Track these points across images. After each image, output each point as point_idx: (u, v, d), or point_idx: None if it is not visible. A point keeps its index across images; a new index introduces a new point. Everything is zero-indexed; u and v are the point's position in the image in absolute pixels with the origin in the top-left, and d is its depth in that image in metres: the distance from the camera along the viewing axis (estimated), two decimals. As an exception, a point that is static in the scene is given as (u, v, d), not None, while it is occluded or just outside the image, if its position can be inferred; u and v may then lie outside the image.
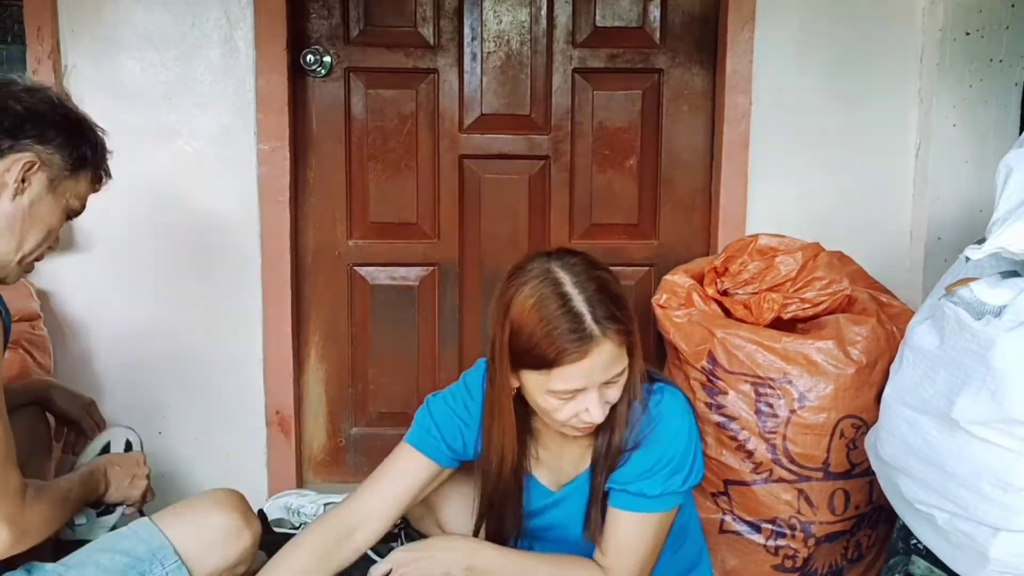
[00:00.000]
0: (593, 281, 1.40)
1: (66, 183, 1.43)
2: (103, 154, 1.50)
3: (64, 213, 1.46)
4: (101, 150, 1.49)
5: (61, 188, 1.43)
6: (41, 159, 1.38)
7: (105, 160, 1.51)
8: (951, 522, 1.31)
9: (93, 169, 1.48)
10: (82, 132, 1.45)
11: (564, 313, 1.35)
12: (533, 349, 1.36)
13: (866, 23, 2.34)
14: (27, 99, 1.39)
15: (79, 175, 1.45)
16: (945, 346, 1.30)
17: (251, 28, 2.26)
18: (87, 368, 2.32)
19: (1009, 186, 1.31)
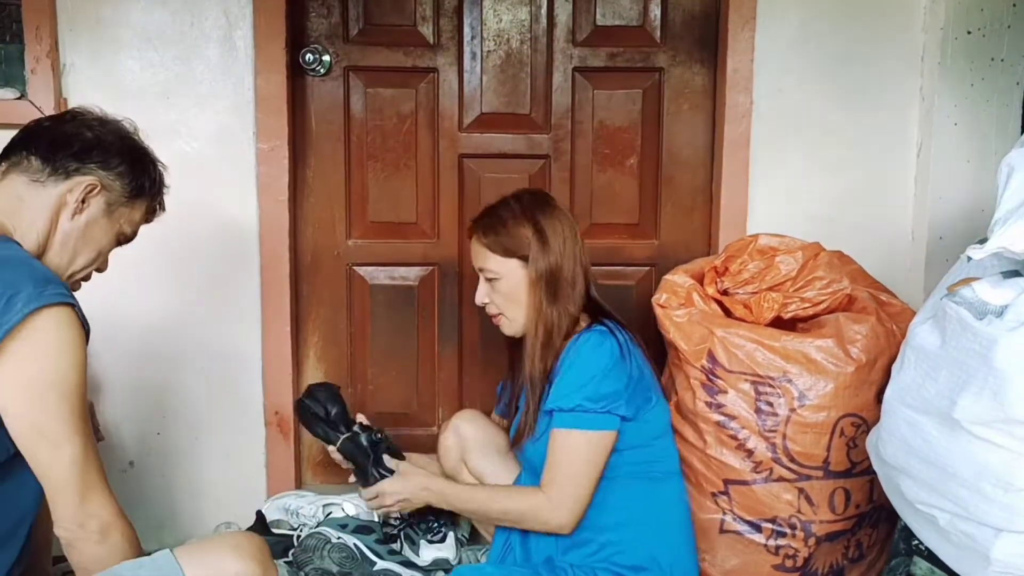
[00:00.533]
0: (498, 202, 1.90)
1: (122, 209, 1.51)
2: (160, 187, 1.59)
3: (116, 238, 1.54)
4: (159, 183, 1.59)
5: (117, 213, 1.51)
6: (102, 183, 1.47)
7: (161, 193, 1.60)
8: (952, 523, 1.31)
9: (149, 200, 1.57)
10: (144, 164, 1.54)
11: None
12: None
13: (867, 22, 2.33)
14: (98, 128, 1.49)
15: (135, 203, 1.53)
16: (947, 346, 1.29)
17: (250, 27, 2.25)
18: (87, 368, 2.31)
19: (1011, 185, 1.30)
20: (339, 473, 2.52)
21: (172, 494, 2.39)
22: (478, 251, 1.87)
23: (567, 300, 1.82)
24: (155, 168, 1.58)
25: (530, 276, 1.81)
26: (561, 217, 1.87)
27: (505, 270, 1.83)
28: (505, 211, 1.86)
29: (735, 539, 1.85)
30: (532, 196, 1.91)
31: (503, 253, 1.83)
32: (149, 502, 2.38)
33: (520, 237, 1.82)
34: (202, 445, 2.39)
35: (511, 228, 1.83)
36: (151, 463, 2.38)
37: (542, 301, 1.81)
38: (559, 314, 1.81)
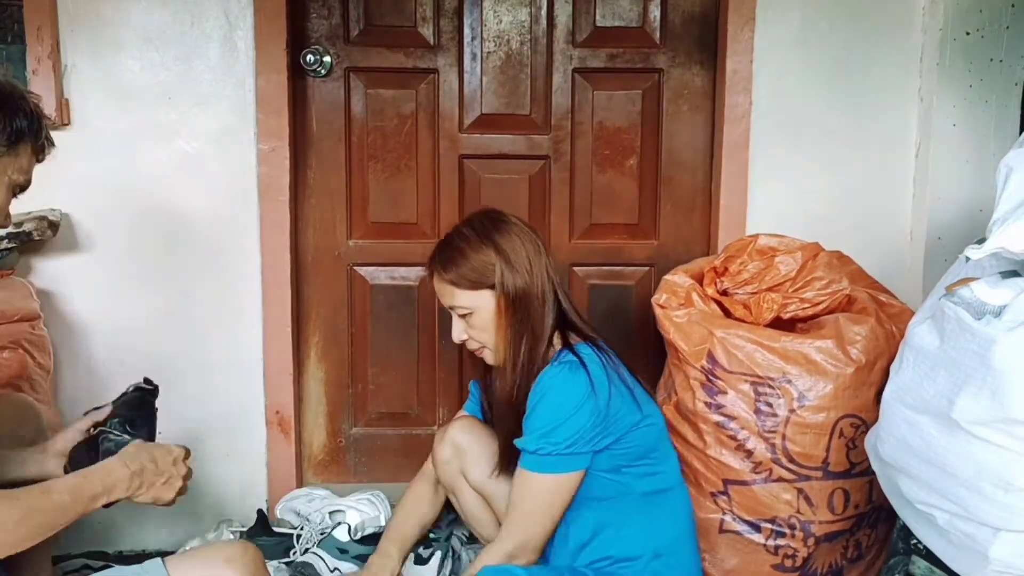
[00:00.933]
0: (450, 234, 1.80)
1: (5, 160, 1.37)
2: (41, 122, 1.41)
3: (8, 190, 1.40)
4: (38, 119, 1.41)
5: (0, 166, 1.37)
6: None
7: (44, 128, 1.42)
8: (951, 522, 1.31)
9: (33, 140, 1.40)
10: (14, 104, 1.37)
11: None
12: None
13: (866, 23, 2.34)
14: None
15: (17, 149, 1.38)
16: (945, 346, 1.30)
17: (251, 28, 2.26)
18: (87, 368, 2.32)
19: (1009, 186, 1.31)
20: (340, 473, 2.54)
21: (173, 494, 2.40)
22: (443, 289, 1.78)
23: (540, 320, 1.75)
24: (27, 103, 1.40)
25: (500, 304, 1.73)
26: (519, 233, 1.77)
27: (477, 303, 1.75)
28: (461, 241, 1.76)
29: (735, 539, 1.85)
30: (485, 217, 1.81)
31: (470, 286, 1.74)
32: (150, 502, 2.39)
33: (484, 265, 1.73)
34: (203, 445, 2.38)
35: (472, 257, 1.73)
36: (152, 463, 2.38)
37: (518, 327, 1.73)
38: (535, 338, 1.74)
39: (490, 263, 1.72)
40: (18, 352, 2.03)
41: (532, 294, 1.73)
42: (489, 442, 1.93)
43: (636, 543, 1.75)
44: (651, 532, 1.77)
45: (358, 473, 2.53)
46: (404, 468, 2.47)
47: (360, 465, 2.54)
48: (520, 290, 1.72)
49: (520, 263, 1.73)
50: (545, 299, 1.75)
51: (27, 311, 2.10)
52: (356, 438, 2.54)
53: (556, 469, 1.68)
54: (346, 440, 2.55)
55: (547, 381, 1.68)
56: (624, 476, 1.75)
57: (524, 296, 1.73)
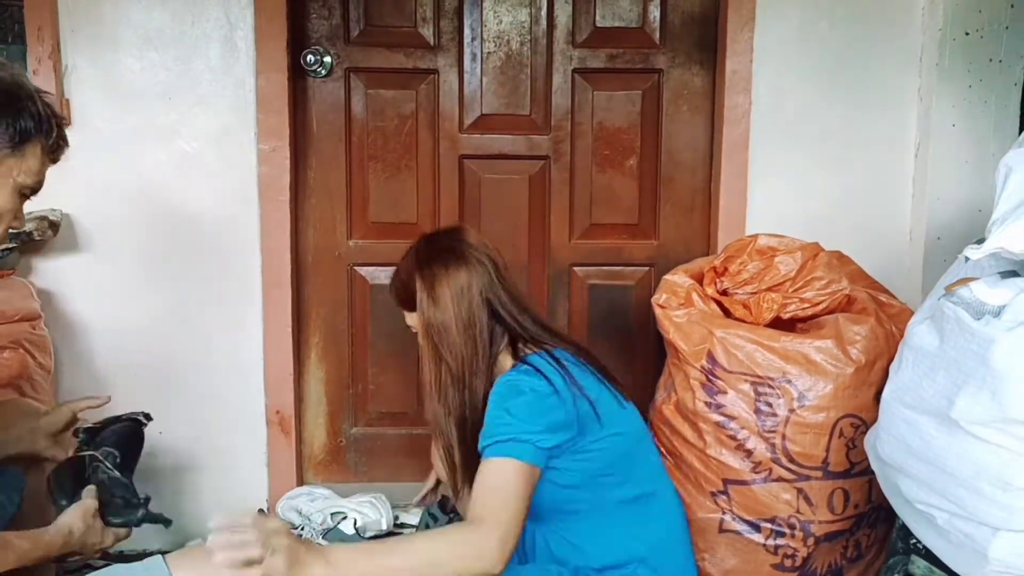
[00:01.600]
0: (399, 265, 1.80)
1: (9, 162, 1.32)
2: (51, 122, 1.37)
3: (15, 193, 1.36)
4: (48, 119, 1.37)
5: (4, 168, 1.32)
6: None
7: (55, 128, 1.38)
8: (951, 522, 1.31)
9: (42, 141, 1.36)
10: (19, 103, 1.33)
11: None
12: None
13: (866, 23, 2.34)
14: None
15: (24, 150, 1.34)
16: (944, 346, 1.30)
17: (251, 28, 2.26)
18: (88, 368, 2.32)
19: (1008, 186, 1.31)
20: (341, 472, 2.54)
21: (173, 493, 2.40)
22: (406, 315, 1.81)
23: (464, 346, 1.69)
24: (36, 103, 1.35)
25: (421, 327, 1.73)
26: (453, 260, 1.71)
27: (414, 323, 1.77)
28: (403, 263, 1.79)
29: (734, 539, 1.86)
30: (429, 243, 1.78)
31: (408, 308, 1.77)
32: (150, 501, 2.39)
33: (411, 290, 1.74)
34: (203, 444, 2.39)
35: (404, 281, 1.76)
36: (152, 462, 2.38)
37: (439, 351, 1.71)
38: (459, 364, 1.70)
39: (414, 288, 1.73)
40: (19, 352, 2.03)
41: (450, 324, 1.69)
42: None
43: (618, 551, 1.70)
44: (632, 538, 1.71)
45: (358, 473, 2.54)
46: (404, 468, 2.48)
47: (360, 465, 2.55)
48: (437, 320, 1.70)
49: (439, 294, 1.70)
50: (471, 327, 1.70)
51: (28, 311, 2.11)
52: (356, 438, 2.55)
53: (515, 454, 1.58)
54: (346, 440, 2.55)
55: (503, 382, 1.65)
56: (595, 489, 1.69)
57: (441, 326, 1.70)
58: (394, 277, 1.81)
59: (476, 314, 1.71)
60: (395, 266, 1.82)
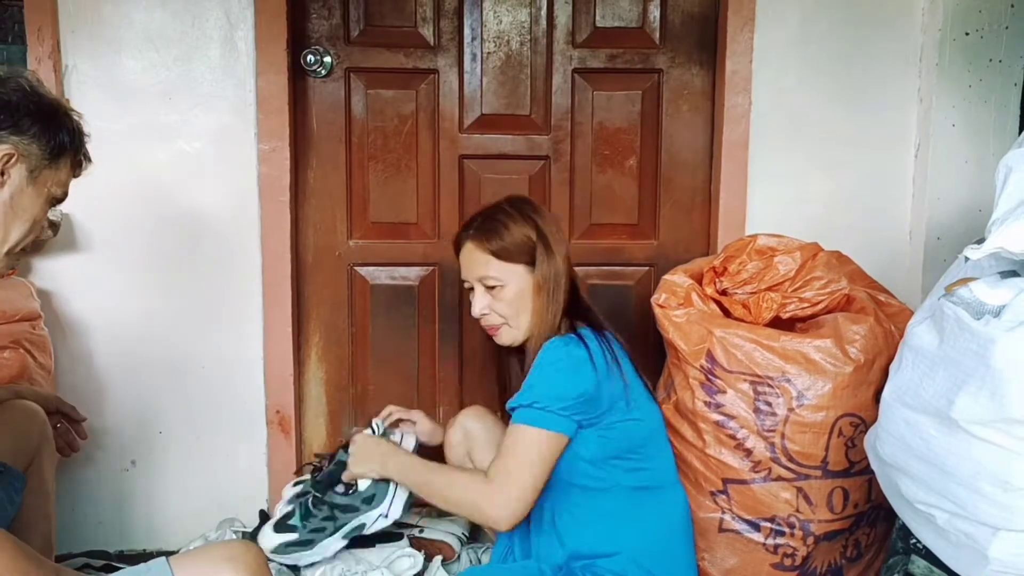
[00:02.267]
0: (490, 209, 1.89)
1: (46, 172, 1.40)
2: (81, 139, 1.46)
3: (47, 203, 1.43)
4: (79, 135, 1.46)
5: (42, 178, 1.40)
6: (19, 150, 1.36)
7: (84, 145, 1.47)
8: (951, 522, 1.31)
9: (73, 155, 1.45)
10: (58, 119, 1.41)
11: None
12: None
13: (866, 23, 2.34)
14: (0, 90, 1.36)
15: (59, 163, 1.42)
16: (944, 346, 1.30)
17: (251, 28, 2.26)
18: (88, 368, 2.32)
19: (1008, 186, 1.31)
20: (340, 472, 2.53)
21: (173, 493, 2.40)
22: (477, 259, 1.85)
23: (563, 303, 1.82)
24: (71, 119, 1.45)
25: (536, 281, 1.82)
26: (554, 220, 1.89)
27: (508, 277, 1.83)
28: (503, 215, 1.85)
29: (734, 538, 1.86)
30: (523, 201, 1.92)
31: (508, 258, 1.82)
32: (150, 501, 2.39)
33: (524, 241, 1.82)
34: (203, 444, 2.39)
35: (514, 232, 1.82)
36: (152, 462, 2.39)
37: (547, 305, 1.81)
38: (559, 317, 1.81)
39: (531, 240, 1.82)
40: (19, 352, 2.03)
41: (563, 279, 1.82)
42: (497, 429, 2.01)
43: (623, 536, 1.76)
44: (639, 527, 1.78)
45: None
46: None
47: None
48: (555, 272, 1.81)
49: (556, 247, 1.83)
50: (571, 284, 1.85)
51: (28, 311, 2.11)
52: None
53: (545, 424, 1.70)
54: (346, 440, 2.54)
55: (546, 350, 1.75)
56: (610, 470, 1.77)
57: (557, 278, 1.82)
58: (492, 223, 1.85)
59: (570, 273, 1.86)
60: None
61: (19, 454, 1.70)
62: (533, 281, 1.82)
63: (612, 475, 1.78)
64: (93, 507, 2.36)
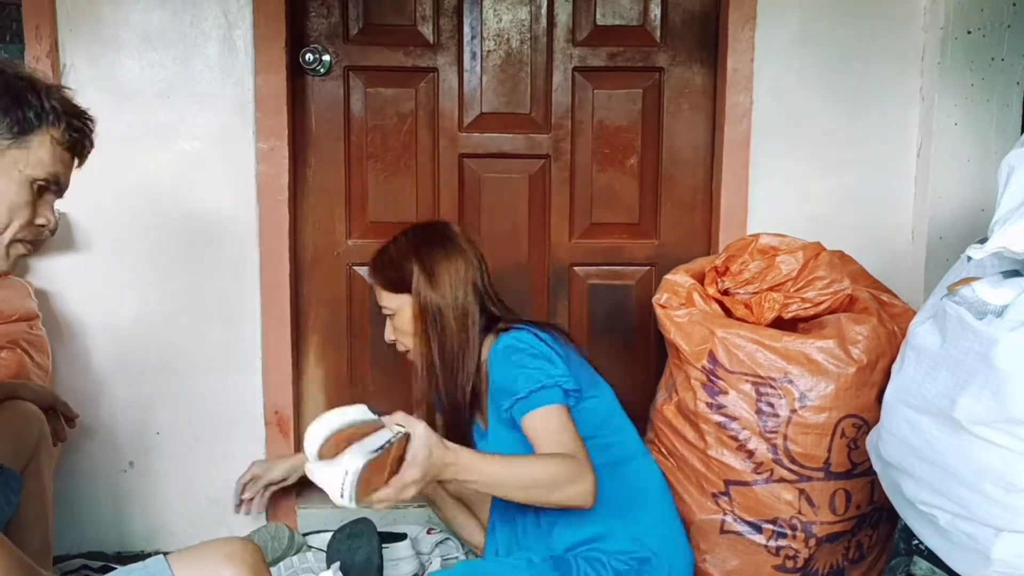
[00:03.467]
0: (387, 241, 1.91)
1: (12, 152, 1.31)
2: (58, 114, 1.35)
3: (26, 186, 1.34)
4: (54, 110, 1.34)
5: (8, 159, 1.31)
6: None
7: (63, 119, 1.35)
8: (953, 523, 1.31)
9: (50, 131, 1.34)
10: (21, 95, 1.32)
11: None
12: None
13: (867, 22, 2.34)
14: None
15: (28, 142, 1.32)
16: (947, 346, 1.29)
17: (250, 27, 2.25)
18: (86, 368, 2.31)
19: (1011, 185, 1.30)
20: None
21: (172, 494, 2.39)
22: (376, 291, 1.91)
23: (458, 332, 1.82)
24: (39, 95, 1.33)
25: (415, 310, 1.84)
26: (447, 244, 1.86)
27: (397, 305, 1.87)
28: (392, 246, 1.89)
29: (736, 540, 1.85)
30: (420, 228, 1.93)
31: (392, 288, 1.87)
32: (148, 502, 2.38)
33: (404, 271, 1.84)
34: (202, 445, 2.39)
35: (396, 262, 1.86)
36: (150, 463, 2.38)
37: (428, 332, 1.83)
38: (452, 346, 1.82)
39: (409, 271, 1.83)
40: (16, 352, 2.03)
41: (447, 309, 1.82)
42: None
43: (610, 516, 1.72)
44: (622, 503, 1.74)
45: (358, 473, 2.52)
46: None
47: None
48: (435, 304, 1.82)
49: (440, 280, 1.82)
50: (465, 315, 1.83)
51: (25, 311, 2.10)
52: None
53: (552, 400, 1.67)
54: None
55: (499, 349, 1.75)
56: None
57: (438, 310, 1.82)
58: (381, 257, 1.90)
59: (470, 301, 1.84)
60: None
61: (16, 455, 1.69)
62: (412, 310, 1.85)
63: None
64: (91, 508, 2.36)
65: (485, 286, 1.87)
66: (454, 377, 1.83)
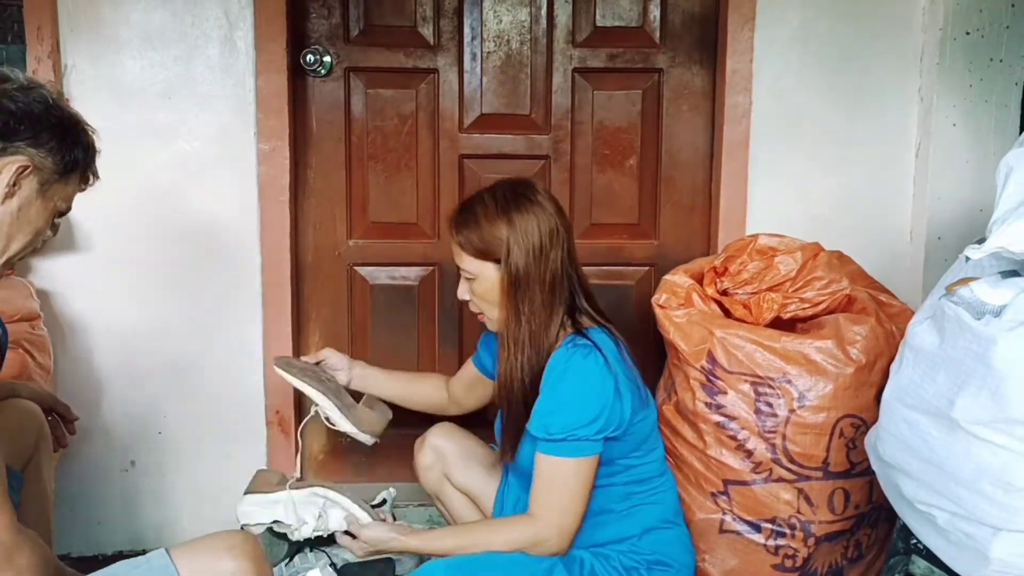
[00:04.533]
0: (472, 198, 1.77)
1: (56, 186, 1.39)
2: (93, 155, 1.46)
3: (52, 215, 1.42)
4: (92, 152, 1.45)
5: (51, 192, 1.39)
6: (34, 163, 1.34)
7: (94, 161, 1.46)
8: (951, 522, 1.31)
9: (82, 171, 1.44)
10: (75, 135, 1.41)
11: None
12: None
13: (866, 23, 2.34)
14: (22, 99, 1.34)
15: (69, 178, 1.41)
16: (945, 346, 1.30)
17: (251, 28, 2.26)
18: (87, 368, 2.32)
19: (1009, 185, 1.31)
20: (340, 471, 2.53)
21: (173, 493, 2.40)
22: (454, 248, 1.76)
23: (544, 305, 1.70)
24: (86, 136, 1.43)
25: (503, 280, 1.70)
26: (540, 213, 1.71)
27: (479, 271, 1.72)
28: (479, 207, 1.72)
29: (735, 539, 1.85)
30: (510, 189, 1.74)
31: (476, 254, 1.71)
32: (150, 501, 2.39)
33: (493, 238, 1.69)
34: (203, 445, 2.39)
35: (484, 227, 1.70)
36: (152, 462, 2.39)
37: (518, 307, 1.70)
38: (537, 321, 1.70)
39: (499, 238, 1.68)
40: (18, 352, 2.03)
41: (536, 279, 1.69)
42: (469, 443, 2.00)
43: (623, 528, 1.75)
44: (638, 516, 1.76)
45: (358, 473, 2.53)
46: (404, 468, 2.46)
47: (360, 465, 2.54)
48: (524, 273, 1.68)
49: (530, 247, 1.68)
50: (554, 286, 1.71)
51: (27, 311, 2.10)
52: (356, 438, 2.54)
53: (580, 452, 1.64)
54: (346, 440, 2.54)
55: (561, 364, 1.66)
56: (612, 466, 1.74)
57: (526, 279, 1.68)
58: (466, 218, 1.73)
59: (560, 272, 1.72)
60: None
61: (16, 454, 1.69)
62: (500, 281, 1.71)
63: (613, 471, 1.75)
64: (92, 507, 2.36)
65: (573, 263, 1.75)
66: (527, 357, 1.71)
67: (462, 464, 1.98)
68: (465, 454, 1.98)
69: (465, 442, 2.01)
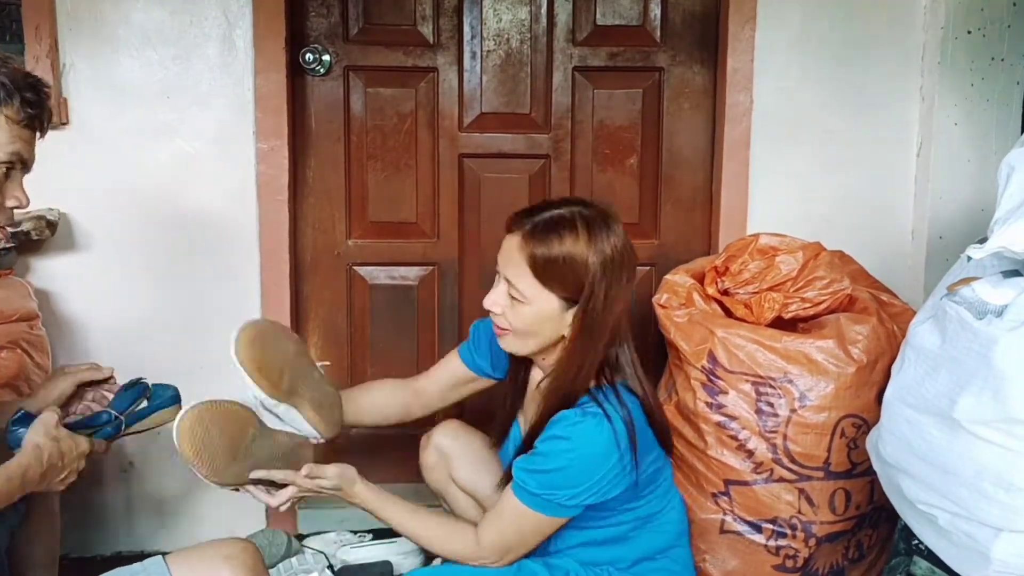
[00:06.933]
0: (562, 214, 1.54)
1: None
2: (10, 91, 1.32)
3: None
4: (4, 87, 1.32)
5: None
6: None
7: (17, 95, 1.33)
8: (953, 522, 1.30)
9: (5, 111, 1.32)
10: None
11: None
12: None
13: (868, 22, 2.34)
14: None
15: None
16: (947, 346, 1.29)
17: (250, 26, 2.25)
18: (86, 368, 2.31)
19: (1011, 185, 1.30)
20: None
21: (171, 495, 2.39)
22: (513, 258, 1.54)
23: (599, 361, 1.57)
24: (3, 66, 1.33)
25: (570, 324, 1.55)
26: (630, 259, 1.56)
27: (537, 298, 1.54)
28: (567, 231, 1.51)
29: (735, 539, 1.85)
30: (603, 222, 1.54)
31: (544, 279, 1.52)
32: (148, 503, 2.38)
33: (576, 275, 1.51)
34: (202, 445, 2.38)
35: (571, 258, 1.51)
36: (150, 464, 2.38)
37: (575, 359, 1.55)
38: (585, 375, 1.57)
39: (582, 278, 1.51)
40: (16, 352, 2.02)
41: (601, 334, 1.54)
42: (473, 442, 1.97)
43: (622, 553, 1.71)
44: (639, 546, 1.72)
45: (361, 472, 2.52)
46: (404, 468, 2.46)
47: (360, 465, 2.51)
48: (597, 325, 1.53)
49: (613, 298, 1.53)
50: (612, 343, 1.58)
51: (25, 311, 2.10)
52: (356, 438, 2.53)
53: (550, 512, 1.57)
54: (346, 440, 2.54)
55: (567, 429, 1.53)
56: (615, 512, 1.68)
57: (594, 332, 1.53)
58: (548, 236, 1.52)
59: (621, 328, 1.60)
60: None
61: None
62: (563, 319, 1.55)
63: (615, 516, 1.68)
64: (91, 509, 2.36)
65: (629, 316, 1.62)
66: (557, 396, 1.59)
67: (467, 464, 1.95)
68: (469, 453, 1.96)
69: (469, 441, 1.98)
